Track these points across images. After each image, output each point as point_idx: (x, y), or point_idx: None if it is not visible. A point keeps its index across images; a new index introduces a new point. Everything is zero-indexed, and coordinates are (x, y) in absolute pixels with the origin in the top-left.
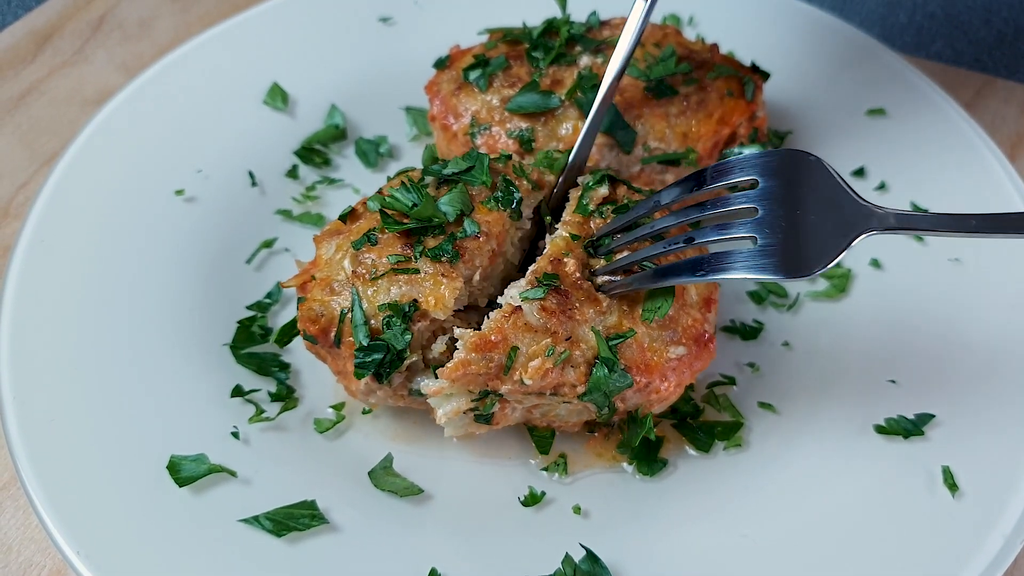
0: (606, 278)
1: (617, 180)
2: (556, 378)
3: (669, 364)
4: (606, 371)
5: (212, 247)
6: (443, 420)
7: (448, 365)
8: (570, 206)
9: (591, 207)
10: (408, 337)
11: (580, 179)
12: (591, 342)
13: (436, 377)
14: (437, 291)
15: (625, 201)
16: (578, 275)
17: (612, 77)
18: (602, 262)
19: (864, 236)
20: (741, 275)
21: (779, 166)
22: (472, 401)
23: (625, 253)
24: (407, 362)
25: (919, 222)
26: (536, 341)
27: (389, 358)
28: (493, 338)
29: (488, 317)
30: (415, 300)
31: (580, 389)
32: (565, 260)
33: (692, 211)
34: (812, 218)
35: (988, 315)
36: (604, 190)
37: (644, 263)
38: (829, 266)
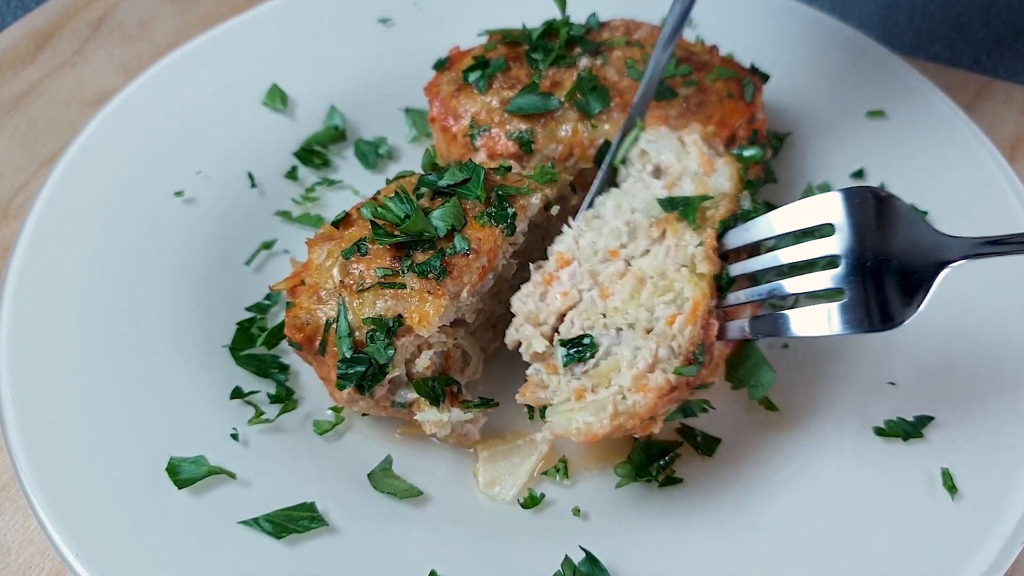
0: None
1: None
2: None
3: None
4: (680, 414)
5: (211, 248)
6: (432, 430)
7: (596, 432)
8: (708, 234)
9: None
10: (391, 352)
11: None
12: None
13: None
14: (422, 308)
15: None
16: (714, 337)
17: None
18: None
19: (946, 270)
20: (836, 332)
21: (853, 207)
22: None
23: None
24: (389, 376)
25: (997, 247)
26: (666, 405)
27: (371, 371)
28: (647, 415)
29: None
30: (400, 315)
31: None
32: (712, 322)
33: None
34: (894, 262)
35: (987, 317)
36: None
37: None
38: (919, 310)
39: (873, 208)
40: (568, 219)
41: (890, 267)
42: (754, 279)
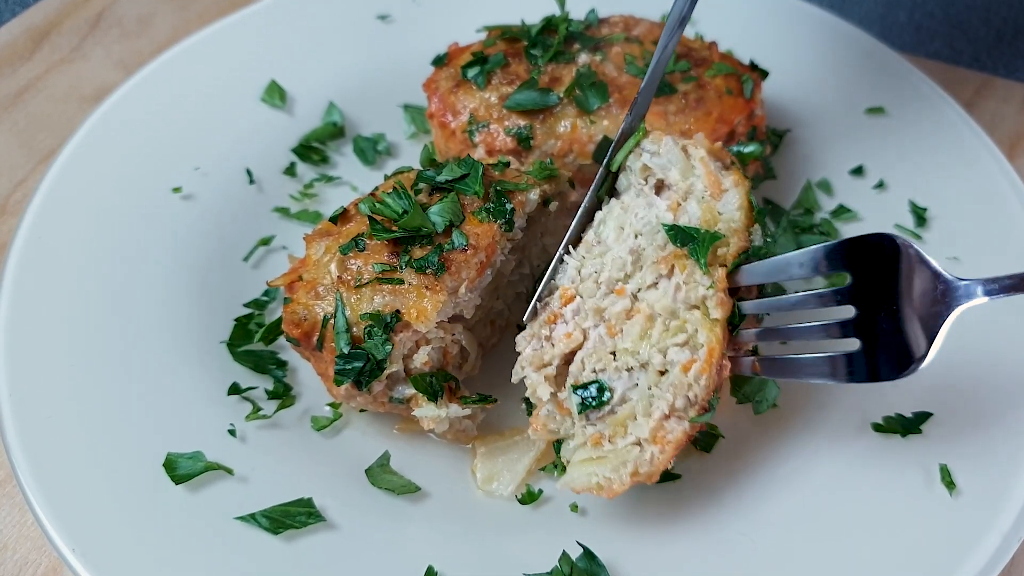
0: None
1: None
2: None
3: None
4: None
5: (209, 245)
6: (430, 425)
7: (616, 489)
8: (719, 275)
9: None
10: (388, 348)
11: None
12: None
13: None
14: (420, 303)
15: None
16: (727, 377)
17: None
18: None
19: (956, 314)
20: (848, 382)
21: (867, 256)
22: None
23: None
24: (387, 372)
25: (1007, 291)
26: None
27: (369, 367)
28: (665, 468)
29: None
30: (398, 311)
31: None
32: (725, 363)
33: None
34: (906, 310)
35: (986, 313)
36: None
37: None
38: (930, 358)
39: (887, 256)
40: (570, 248)
41: (902, 315)
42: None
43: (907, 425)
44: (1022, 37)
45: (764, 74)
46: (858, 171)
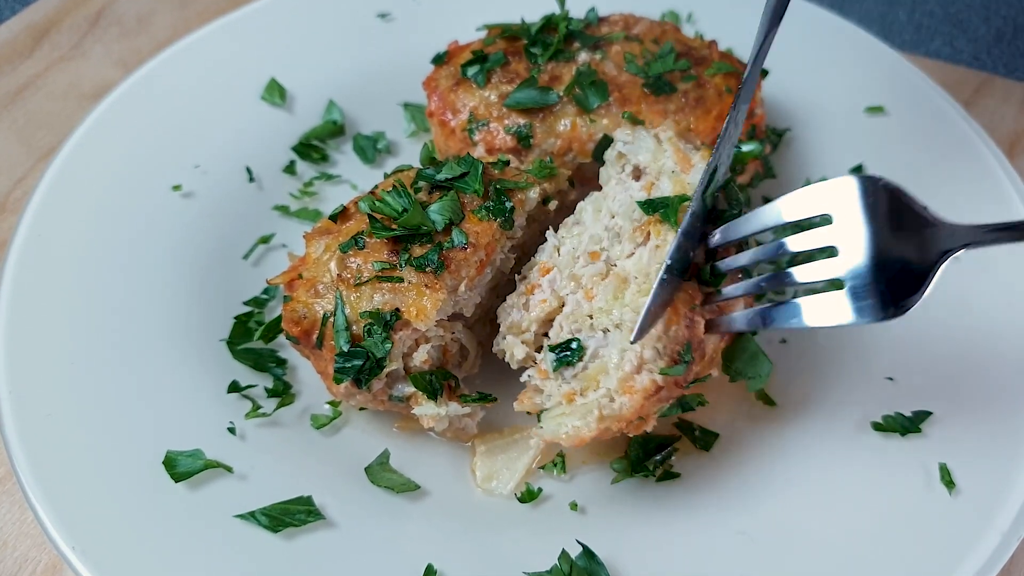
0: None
1: None
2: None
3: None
4: (678, 408)
5: (209, 243)
6: (430, 424)
7: (583, 436)
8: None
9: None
10: (388, 346)
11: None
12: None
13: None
14: (420, 302)
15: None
16: (702, 335)
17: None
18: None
19: (949, 258)
20: (837, 322)
21: (851, 196)
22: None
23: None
24: (387, 370)
25: (1000, 234)
26: (655, 405)
27: (369, 365)
28: (633, 417)
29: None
30: (397, 309)
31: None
32: (697, 319)
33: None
34: (893, 250)
35: (986, 312)
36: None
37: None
38: (921, 298)
39: (872, 196)
40: (551, 226)
41: (891, 256)
42: (746, 273)
43: (907, 424)
44: (1022, 36)
45: (764, 73)
46: (857, 170)
